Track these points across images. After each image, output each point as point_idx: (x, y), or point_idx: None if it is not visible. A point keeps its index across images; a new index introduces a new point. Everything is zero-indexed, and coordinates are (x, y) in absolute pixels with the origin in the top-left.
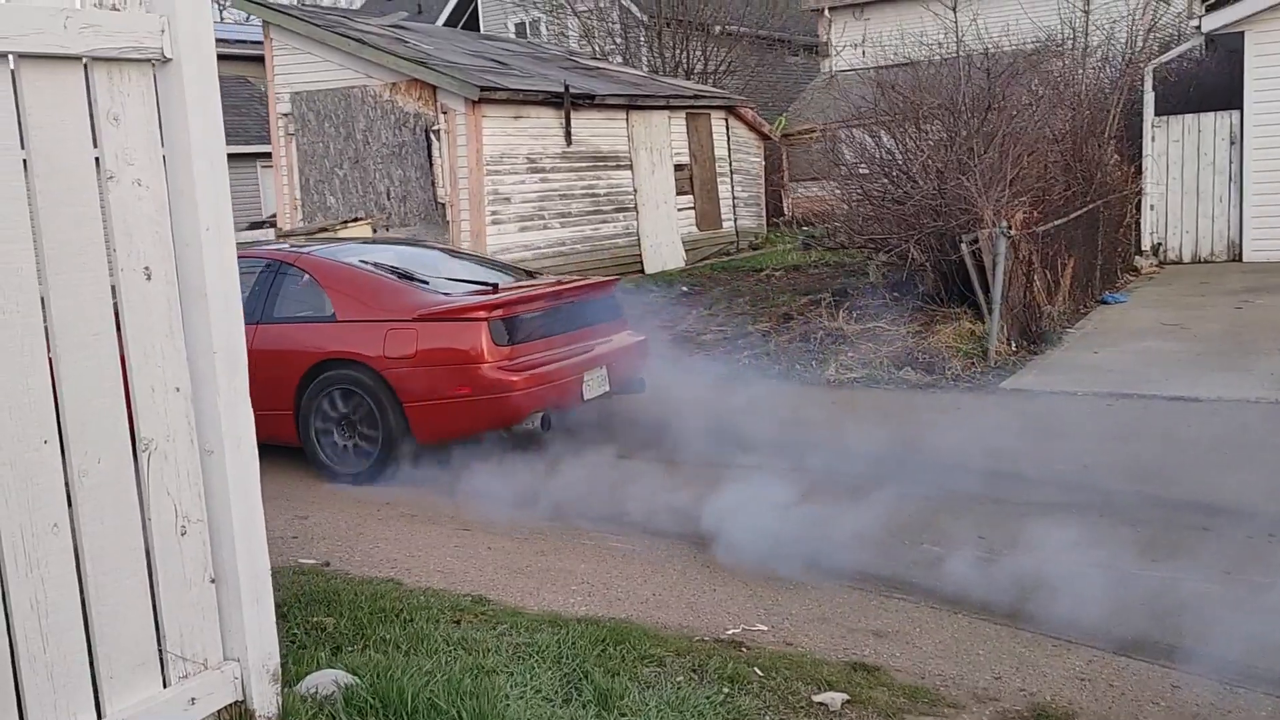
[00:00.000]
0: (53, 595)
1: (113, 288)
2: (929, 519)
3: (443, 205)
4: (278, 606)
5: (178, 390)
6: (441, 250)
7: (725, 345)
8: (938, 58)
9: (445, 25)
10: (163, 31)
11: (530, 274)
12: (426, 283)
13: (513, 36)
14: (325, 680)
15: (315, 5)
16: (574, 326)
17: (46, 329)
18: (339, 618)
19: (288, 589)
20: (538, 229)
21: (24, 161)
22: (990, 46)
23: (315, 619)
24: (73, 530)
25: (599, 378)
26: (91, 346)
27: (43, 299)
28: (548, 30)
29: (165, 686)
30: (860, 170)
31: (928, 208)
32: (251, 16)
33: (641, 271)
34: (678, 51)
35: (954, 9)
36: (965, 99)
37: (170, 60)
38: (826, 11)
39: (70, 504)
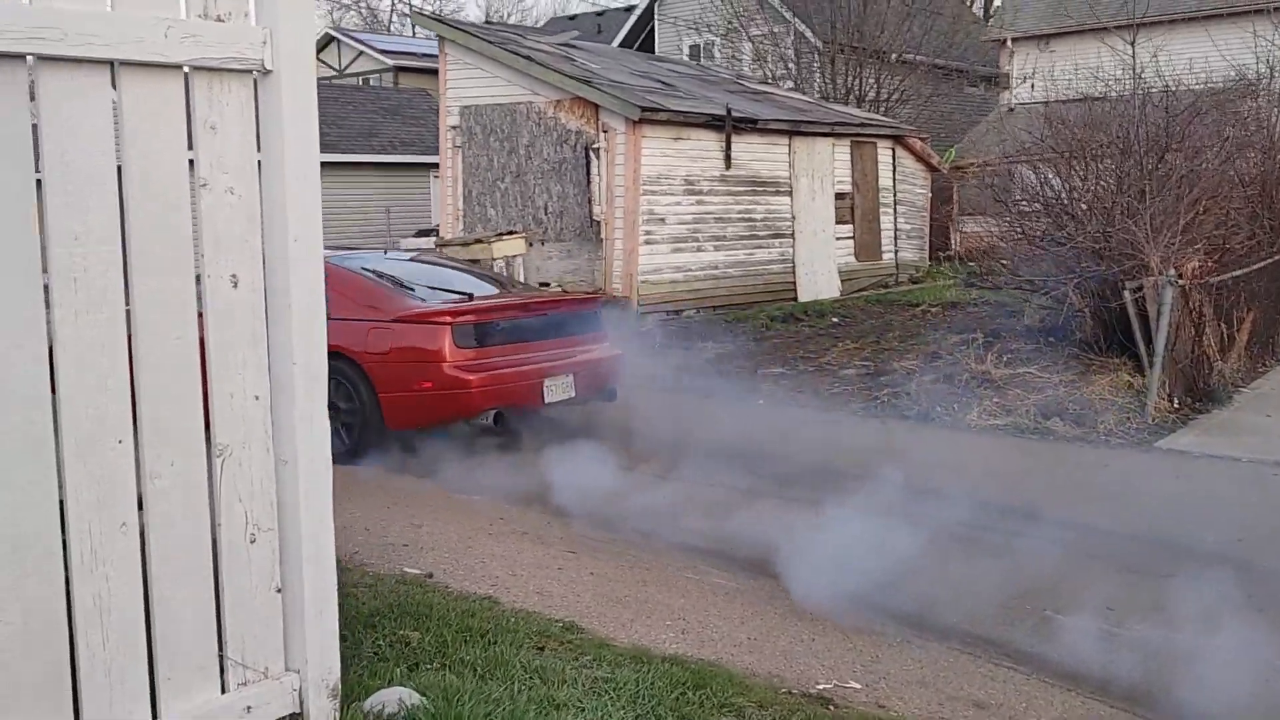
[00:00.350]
0: (116, 593)
1: (198, 293)
2: (1055, 582)
3: (597, 223)
4: (370, 616)
5: (257, 399)
6: (454, 267)
7: (865, 382)
8: (1115, 93)
9: (621, 46)
10: (264, 43)
11: (537, 287)
12: (413, 290)
13: (684, 59)
14: (391, 698)
15: (501, 22)
16: (542, 336)
17: (129, 331)
18: (425, 633)
19: (385, 598)
20: (691, 251)
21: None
22: (1173, 84)
23: (402, 632)
24: (141, 531)
25: (563, 384)
26: (173, 351)
27: (128, 301)
28: (721, 54)
29: (223, 692)
30: (1021, 208)
31: (1090, 250)
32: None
33: (795, 299)
34: (850, 78)
35: (1132, 43)
36: (1140, 138)
37: (271, 72)
38: (1009, 42)
39: (141, 505)
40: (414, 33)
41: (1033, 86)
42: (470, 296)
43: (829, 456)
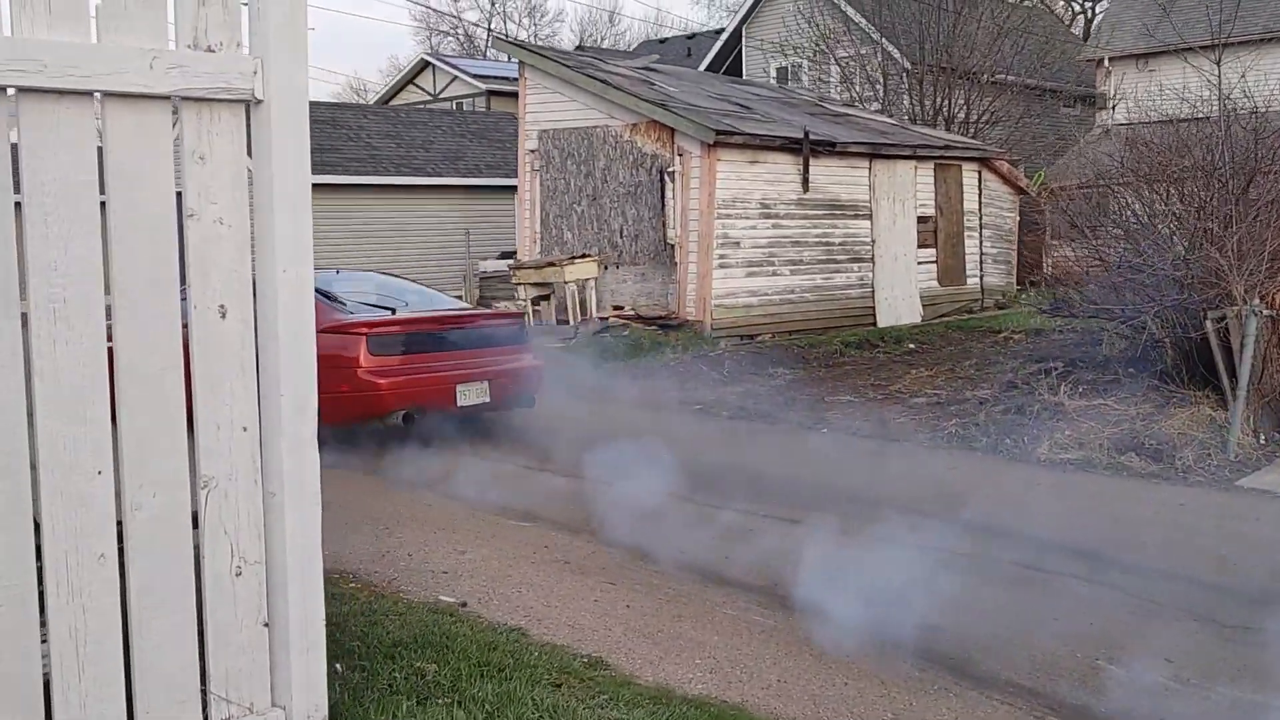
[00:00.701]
0: (93, 625)
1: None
2: (1113, 630)
3: (671, 246)
4: (392, 646)
5: (245, 430)
6: (404, 282)
7: (935, 410)
8: (1202, 114)
9: (708, 69)
10: (255, 73)
11: (478, 306)
12: (344, 305)
13: (767, 81)
14: None
15: (593, 47)
16: (457, 347)
17: (111, 360)
18: (442, 666)
19: (412, 628)
20: (766, 275)
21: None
22: (1262, 104)
23: (419, 664)
24: (121, 562)
25: (477, 390)
26: (156, 381)
27: (110, 330)
28: (808, 76)
29: None
30: (1101, 232)
31: (1171, 278)
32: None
33: (874, 324)
34: (939, 99)
35: (1218, 62)
36: (1226, 161)
37: (261, 102)
38: (1106, 61)
39: (120, 536)
40: (508, 57)
41: (1127, 108)
42: (392, 311)
43: (884, 489)
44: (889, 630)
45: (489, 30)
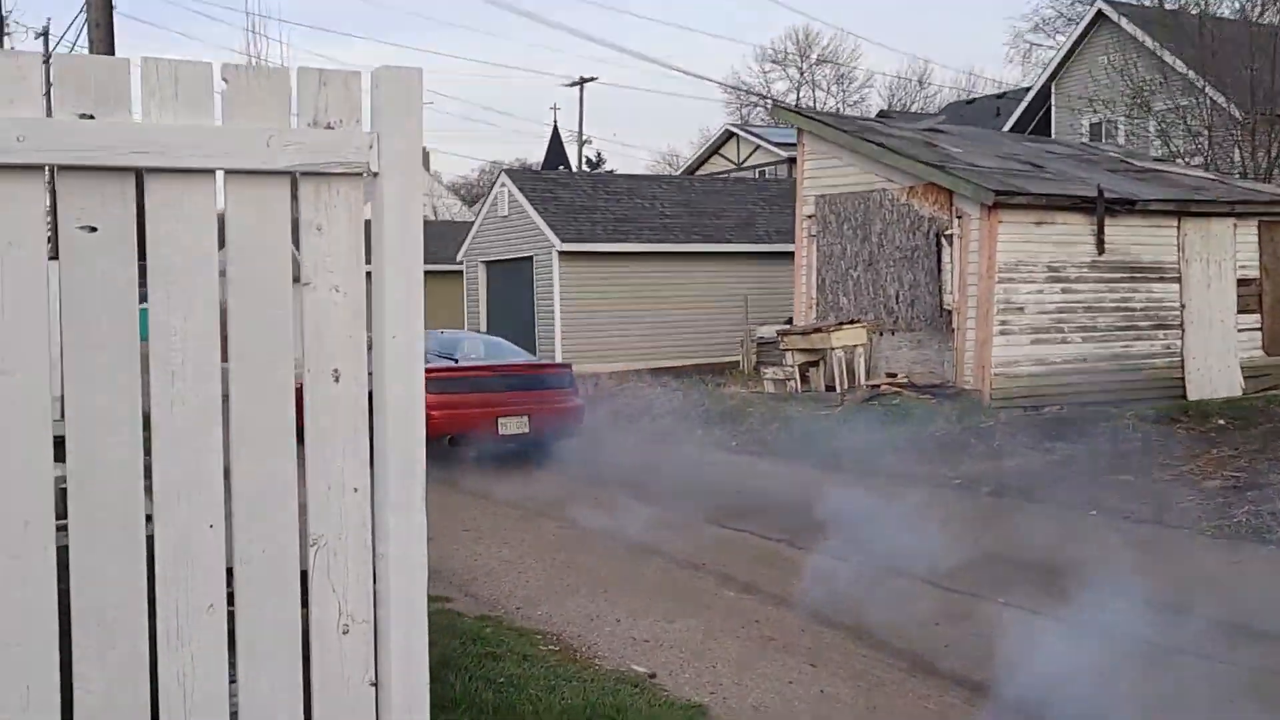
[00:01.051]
0: (200, 672)
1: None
2: None
3: (948, 312)
4: (560, 714)
5: (355, 491)
6: (497, 340)
7: (1226, 496)
8: None
9: (1014, 128)
10: (370, 147)
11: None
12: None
13: (1074, 139)
14: None
15: (900, 110)
16: (503, 389)
17: (226, 420)
18: None
19: (588, 696)
20: (1055, 342)
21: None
22: None
23: None
24: (230, 615)
25: (517, 423)
26: (268, 442)
27: (225, 393)
28: (1124, 131)
29: None
30: None
31: None
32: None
33: (1183, 396)
34: (1275, 150)
35: None
36: None
37: (376, 174)
38: None
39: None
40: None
41: None
42: (455, 361)
43: (1146, 581)
44: None
45: (798, 99)
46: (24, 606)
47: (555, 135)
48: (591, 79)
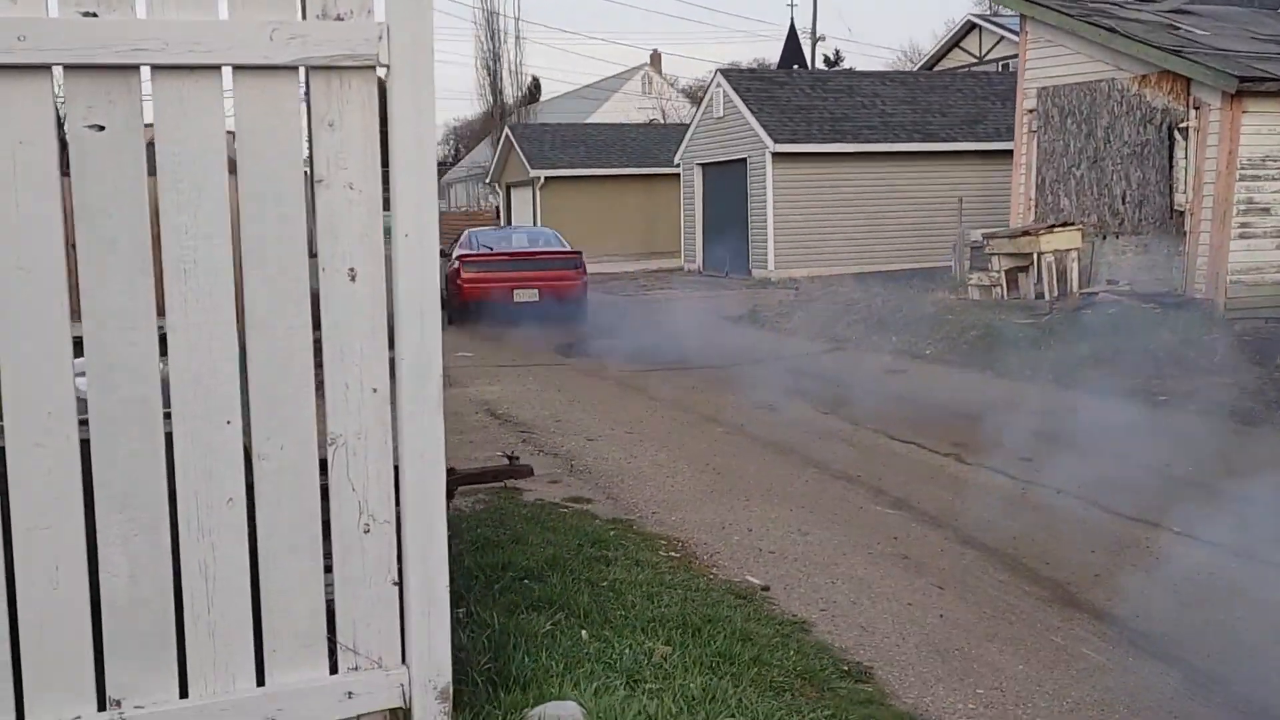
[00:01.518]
0: (221, 562)
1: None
2: None
3: (1180, 214)
4: (650, 621)
5: (374, 390)
6: (544, 231)
7: None
8: None
9: None
10: (380, 39)
11: (559, 251)
12: (474, 245)
13: None
14: (564, 712)
15: None
16: (519, 269)
17: (242, 318)
18: (678, 649)
19: (687, 606)
20: None
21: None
22: None
23: (650, 644)
24: (250, 509)
25: (529, 294)
26: (284, 339)
27: (240, 291)
28: None
29: (333, 673)
30: None
31: None
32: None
33: None
34: None
35: None
36: None
37: (387, 67)
38: None
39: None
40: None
41: None
42: (490, 249)
43: None
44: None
45: None
46: (50, 491)
47: (791, 34)
48: None
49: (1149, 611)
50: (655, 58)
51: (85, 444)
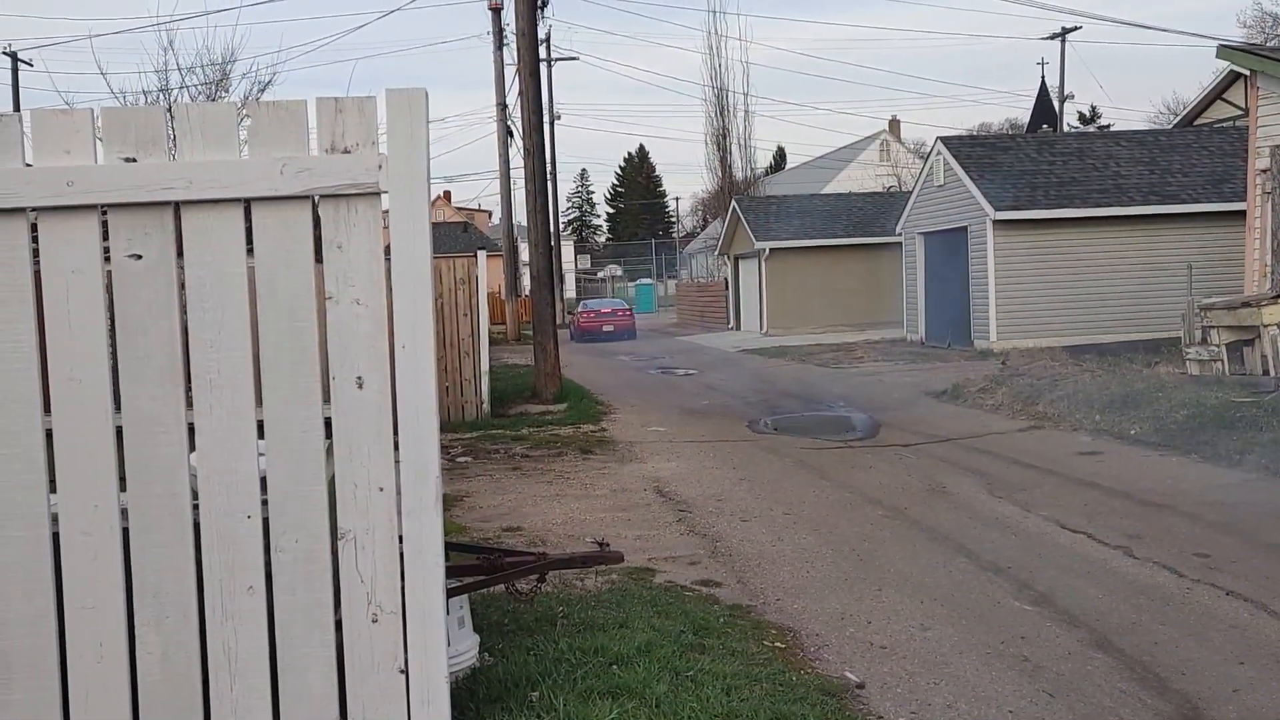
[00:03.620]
0: (243, 644)
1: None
2: None
3: None
4: (716, 717)
5: (381, 490)
6: (619, 299)
7: None
8: None
9: None
10: (380, 168)
11: (620, 309)
12: (586, 305)
13: None
14: None
15: None
16: (603, 317)
17: (261, 424)
18: None
19: (764, 703)
20: None
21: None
22: None
23: None
24: (269, 598)
25: (608, 330)
26: (297, 442)
27: (258, 399)
28: None
29: None
30: None
31: None
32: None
33: None
34: None
35: None
36: None
37: (384, 192)
38: None
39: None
40: None
41: None
42: (588, 307)
43: None
44: None
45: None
46: (95, 575)
47: (1042, 92)
48: (1075, 28)
49: None
50: (894, 124)
51: (126, 533)
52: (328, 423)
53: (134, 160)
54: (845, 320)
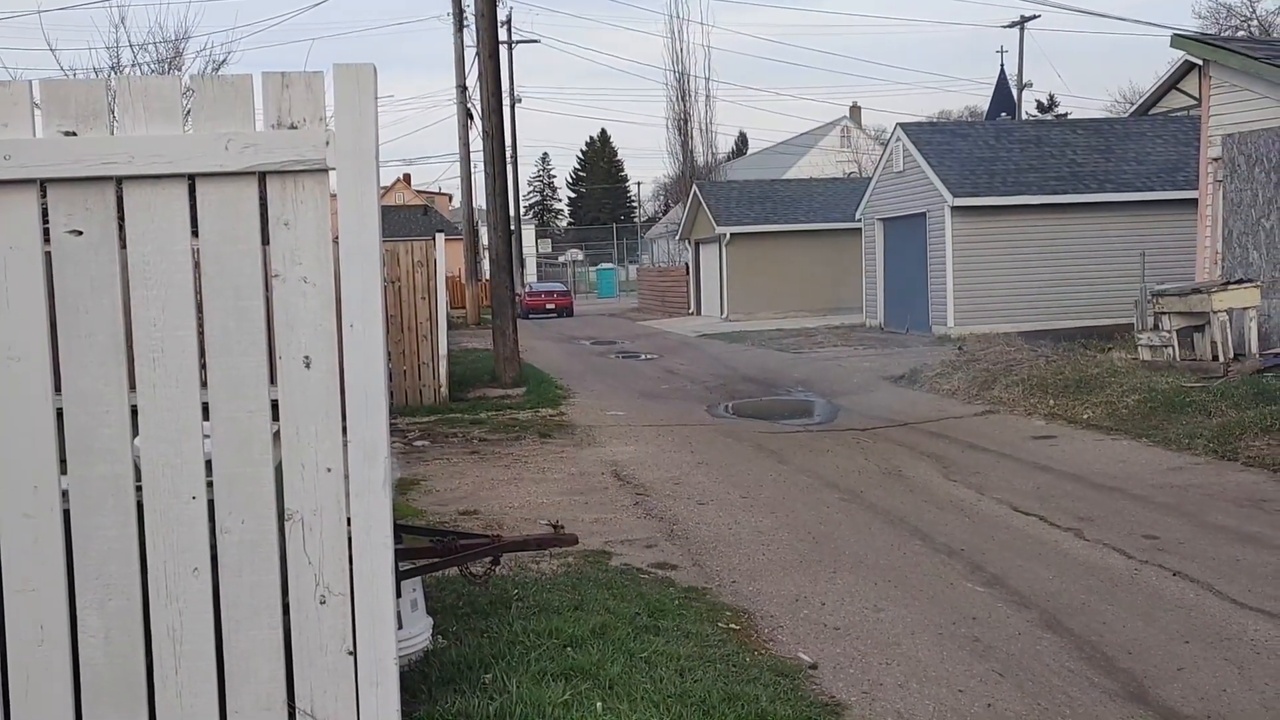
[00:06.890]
0: (188, 627)
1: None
2: None
3: None
4: (673, 697)
5: (329, 470)
6: (559, 284)
7: None
8: None
9: None
10: (327, 144)
11: (558, 291)
12: (531, 287)
13: None
14: None
15: None
16: (548, 297)
17: (205, 402)
18: None
19: (718, 684)
20: None
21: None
22: None
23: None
24: (215, 579)
25: (550, 306)
26: (243, 422)
27: (204, 377)
28: None
29: None
30: None
31: None
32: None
33: None
34: None
35: None
36: None
37: (333, 169)
38: None
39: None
40: None
41: None
42: (533, 289)
43: None
44: None
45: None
46: (37, 556)
47: (1001, 80)
48: (1034, 17)
49: (1227, 712)
50: (855, 111)
51: (68, 515)
52: (275, 405)
53: (74, 134)
54: (806, 306)
